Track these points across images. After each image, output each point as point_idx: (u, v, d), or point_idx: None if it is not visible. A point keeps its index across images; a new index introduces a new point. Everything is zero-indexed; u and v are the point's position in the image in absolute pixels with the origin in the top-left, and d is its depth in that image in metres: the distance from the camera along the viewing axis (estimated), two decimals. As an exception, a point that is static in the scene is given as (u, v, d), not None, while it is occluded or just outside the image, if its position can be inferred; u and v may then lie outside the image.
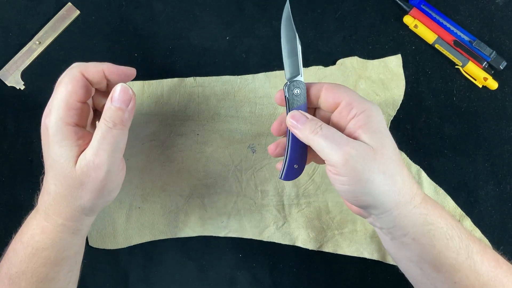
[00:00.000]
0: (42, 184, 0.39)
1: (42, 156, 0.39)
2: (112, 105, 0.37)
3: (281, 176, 0.40)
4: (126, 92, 0.37)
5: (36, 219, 0.38)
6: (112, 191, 0.38)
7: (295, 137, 0.38)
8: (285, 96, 0.39)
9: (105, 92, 0.41)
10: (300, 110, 0.38)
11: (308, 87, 0.39)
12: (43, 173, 0.39)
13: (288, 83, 0.39)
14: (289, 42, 0.39)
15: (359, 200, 0.36)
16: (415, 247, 0.36)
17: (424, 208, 0.36)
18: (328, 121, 0.39)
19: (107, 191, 0.37)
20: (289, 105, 0.39)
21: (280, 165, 0.41)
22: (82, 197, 0.37)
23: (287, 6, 0.39)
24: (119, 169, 0.38)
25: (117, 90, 0.37)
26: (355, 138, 0.35)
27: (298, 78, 0.39)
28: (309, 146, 0.37)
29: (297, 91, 0.39)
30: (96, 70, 0.38)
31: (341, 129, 0.37)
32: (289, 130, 0.39)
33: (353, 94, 0.37)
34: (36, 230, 0.38)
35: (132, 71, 0.40)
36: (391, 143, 0.36)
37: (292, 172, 0.40)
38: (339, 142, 0.34)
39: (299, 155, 0.39)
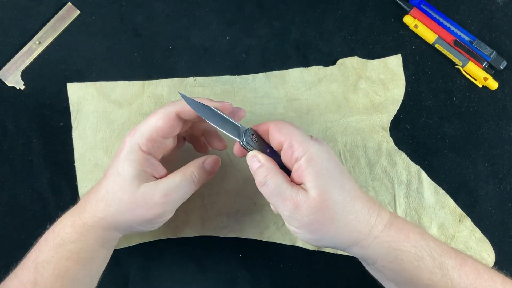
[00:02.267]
0: (93, 185, 0.40)
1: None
2: (204, 165, 0.40)
3: None
4: (218, 163, 0.42)
5: (72, 212, 0.40)
6: (151, 226, 0.40)
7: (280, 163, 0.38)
8: (247, 149, 0.38)
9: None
10: (255, 152, 0.37)
11: (259, 127, 0.39)
12: (102, 175, 0.40)
13: (242, 139, 0.38)
14: (210, 116, 0.38)
15: (319, 245, 0.37)
16: (387, 272, 0.36)
17: (387, 236, 0.35)
18: None
19: (148, 224, 0.39)
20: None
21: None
22: (124, 215, 0.38)
23: (183, 97, 0.37)
24: (170, 214, 0.40)
25: (213, 158, 0.41)
26: (301, 183, 0.35)
27: (241, 129, 0.38)
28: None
29: (253, 138, 0.38)
30: (191, 111, 0.38)
31: (289, 170, 0.37)
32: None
33: (294, 134, 0.36)
34: (68, 222, 0.39)
35: (229, 106, 0.40)
36: (335, 183, 0.35)
37: None
38: (283, 197, 0.35)
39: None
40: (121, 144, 0.39)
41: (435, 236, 0.38)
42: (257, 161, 0.37)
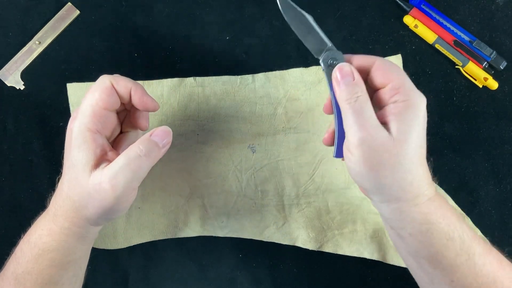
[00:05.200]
0: (57, 185, 0.39)
1: (62, 157, 0.39)
2: (151, 138, 0.38)
3: (334, 154, 0.38)
4: (168, 134, 0.39)
5: (45, 220, 0.39)
6: (117, 211, 0.38)
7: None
8: (324, 71, 0.37)
9: (125, 112, 0.42)
10: (352, 66, 0.36)
11: (357, 58, 0.37)
12: (61, 173, 0.39)
13: (322, 56, 0.36)
14: (300, 24, 0.37)
15: (364, 186, 0.36)
16: (412, 242, 0.36)
17: (426, 208, 0.35)
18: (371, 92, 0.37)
19: (111, 211, 0.37)
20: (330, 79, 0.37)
21: (328, 140, 0.39)
22: (88, 208, 0.37)
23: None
24: (130, 195, 0.38)
25: (160, 128, 0.39)
26: (384, 123, 0.35)
27: (328, 47, 0.37)
28: None
29: (335, 62, 0.36)
30: (125, 84, 0.39)
31: (378, 107, 0.36)
32: (336, 106, 0.37)
33: (403, 79, 0.35)
34: (44, 231, 0.38)
35: (154, 104, 0.40)
36: (417, 140, 0.35)
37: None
38: (363, 124, 0.34)
39: None
40: (66, 133, 0.38)
41: None
42: (351, 77, 0.36)
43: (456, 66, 0.50)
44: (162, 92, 0.50)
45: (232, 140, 0.49)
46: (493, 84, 0.49)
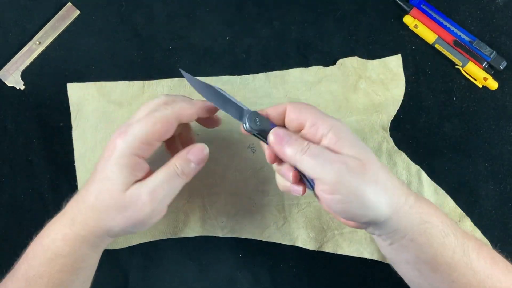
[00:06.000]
0: (79, 191, 0.39)
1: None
2: (188, 156, 0.38)
3: (310, 188, 0.38)
4: (203, 152, 0.39)
5: (61, 224, 0.38)
6: (145, 225, 0.39)
7: None
8: (252, 133, 0.37)
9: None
10: (283, 128, 0.37)
11: (271, 110, 0.38)
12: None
13: (245, 122, 0.37)
14: (212, 96, 0.38)
15: (359, 216, 0.35)
16: (413, 248, 0.36)
17: (419, 207, 0.36)
18: None
19: (140, 225, 0.38)
20: (262, 135, 0.37)
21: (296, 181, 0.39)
22: (116, 220, 0.37)
23: (185, 74, 0.38)
24: (162, 211, 0.38)
25: (197, 146, 0.39)
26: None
27: (245, 111, 0.38)
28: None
29: (257, 121, 0.37)
30: (189, 118, 0.38)
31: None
32: None
33: (316, 113, 0.36)
34: (58, 235, 0.38)
35: (219, 124, 0.41)
36: (371, 152, 0.36)
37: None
38: (330, 159, 0.34)
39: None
40: (109, 143, 0.37)
41: None
42: (288, 135, 0.36)
43: (456, 66, 0.50)
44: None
45: (232, 140, 0.49)
46: (493, 84, 0.49)
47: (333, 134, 0.35)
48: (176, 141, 0.44)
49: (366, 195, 0.34)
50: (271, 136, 0.37)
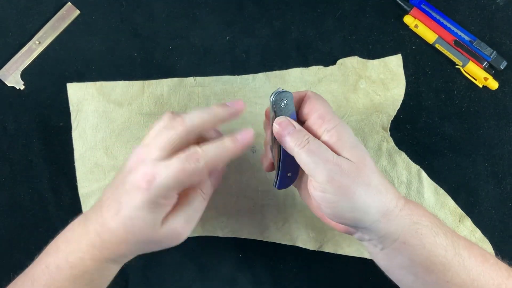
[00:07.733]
0: (106, 215, 0.36)
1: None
2: (209, 180, 0.40)
3: (275, 185, 0.40)
4: (221, 174, 0.42)
5: (88, 244, 0.37)
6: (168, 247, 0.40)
7: None
8: (272, 108, 0.37)
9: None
10: (288, 118, 0.37)
11: (294, 94, 0.38)
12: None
13: (275, 94, 0.37)
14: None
15: (347, 218, 0.35)
16: (406, 251, 0.36)
17: (408, 209, 0.36)
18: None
19: (166, 247, 0.39)
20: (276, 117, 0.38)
21: (270, 168, 0.41)
22: (149, 249, 0.39)
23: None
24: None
25: (219, 170, 0.42)
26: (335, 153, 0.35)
27: (278, 89, 0.38)
28: None
29: (284, 102, 0.37)
30: (221, 159, 0.37)
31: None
32: (283, 152, 0.38)
33: (327, 107, 0.37)
34: (86, 255, 0.37)
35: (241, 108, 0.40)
36: (368, 156, 0.36)
37: (286, 180, 0.40)
38: (325, 158, 0.34)
39: (292, 163, 0.38)
40: (131, 178, 0.35)
41: None
42: (293, 126, 0.37)
43: (456, 66, 0.50)
44: (162, 92, 0.50)
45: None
46: (493, 84, 0.49)
47: (336, 132, 0.35)
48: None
49: (356, 196, 0.34)
50: (275, 125, 0.37)
